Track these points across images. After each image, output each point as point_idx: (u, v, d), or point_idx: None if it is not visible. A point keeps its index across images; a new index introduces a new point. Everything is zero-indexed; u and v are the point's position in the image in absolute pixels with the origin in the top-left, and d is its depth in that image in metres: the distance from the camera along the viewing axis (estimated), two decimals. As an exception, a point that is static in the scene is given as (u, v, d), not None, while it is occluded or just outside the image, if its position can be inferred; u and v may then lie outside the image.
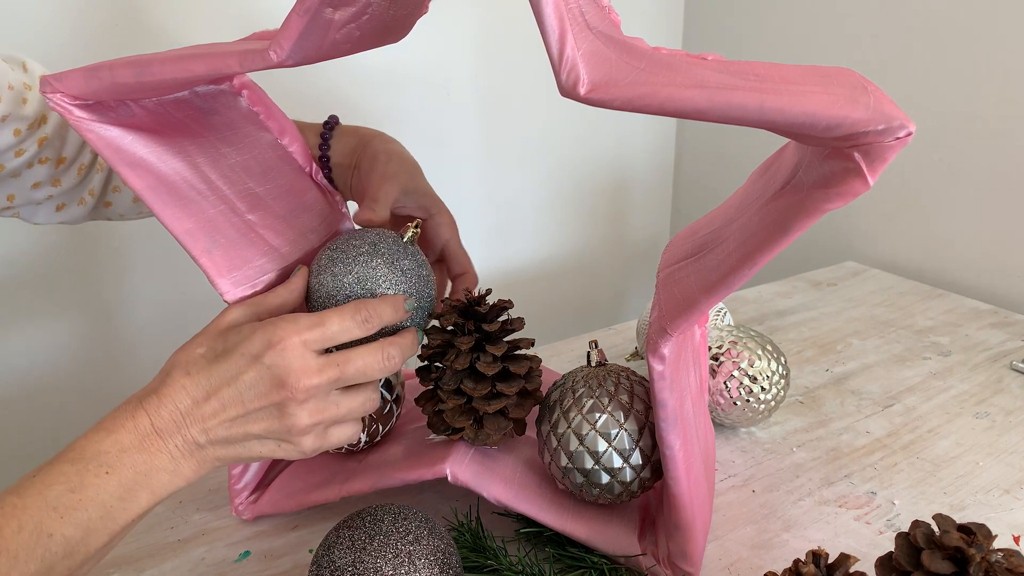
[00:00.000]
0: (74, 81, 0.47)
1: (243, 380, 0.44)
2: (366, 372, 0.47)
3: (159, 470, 0.43)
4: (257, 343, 0.45)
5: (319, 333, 0.46)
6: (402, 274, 0.53)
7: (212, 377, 0.44)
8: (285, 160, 0.64)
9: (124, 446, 0.42)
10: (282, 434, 0.45)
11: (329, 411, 0.46)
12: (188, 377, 0.44)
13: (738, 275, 0.43)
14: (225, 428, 0.44)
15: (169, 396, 0.44)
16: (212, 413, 0.44)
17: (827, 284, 1.12)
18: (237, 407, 0.44)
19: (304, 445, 0.46)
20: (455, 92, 1.24)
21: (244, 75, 0.61)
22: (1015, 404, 0.78)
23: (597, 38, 0.40)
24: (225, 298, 0.55)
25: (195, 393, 0.44)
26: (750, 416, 0.71)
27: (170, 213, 0.53)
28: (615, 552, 0.55)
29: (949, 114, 1.06)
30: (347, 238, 0.54)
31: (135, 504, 0.42)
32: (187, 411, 0.44)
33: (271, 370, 0.44)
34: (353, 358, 0.47)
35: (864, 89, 0.36)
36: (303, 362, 0.45)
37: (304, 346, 0.45)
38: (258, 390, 0.44)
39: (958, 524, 0.40)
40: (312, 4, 0.41)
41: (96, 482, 0.41)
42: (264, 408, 0.45)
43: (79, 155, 0.66)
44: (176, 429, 0.43)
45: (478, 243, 1.36)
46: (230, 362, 0.44)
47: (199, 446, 0.44)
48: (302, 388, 0.44)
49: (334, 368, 0.46)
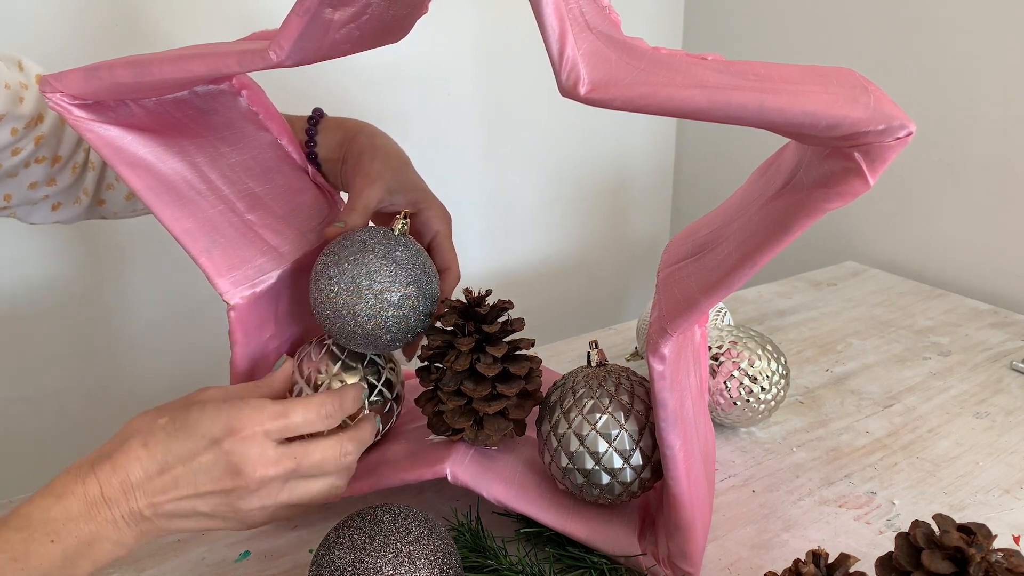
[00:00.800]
0: (74, 81, 0.47)
1: (198, 462, 0.44)
2: (322, 466, 0.47)
3: (103, 539, 0.43)
4: (219, 427, 0.44)
5: (282, 424, 0.46)
6: (396, 265, 0.53)
7: (168, 453, 0.44)
8: (284, 160, 0.64)
9: (71, 514, 0.42)
10: (229, 515, 0.46)
11: (281, 497, 0.46)
12: (144, 448, 0.44)
13: (738, 275, 0.43)
14: (173, 504, 0.44)
15: (122, 465, 0.43)
16: (162, 489, 0.44)
17: (827, 284, 1.12)
18: (188, 487, 0.44)
19: (250, 521, 0.47)
20: (455, 92, 1.24)
21: (243, 75, 0.61)
22: (1015, 404, 0.78)
23: (597, 38, 0.39)
24: (224, 298, 0.55)
25: (149, 466, 0.44)
26: (750, 416, 0.71)
27: (169, 213, 0.53)
28: (615, 552, 0.55)
29: (949, 114, 1.06)
30: (338, 241, 0.55)
31: (75, 572, 0.42)
32: (138, 483, 0.43)
33: (228, 456, 0.44)
34: (311, 452, 0.47)
35: (864, 89, 0.36)
36: (261, 452, 0.45)
37: (265, 436, 0.45)
38: (212, 474, 0.44)
39: (958, 524, 0.40)
40: (312, 4, 0.41)
41: (40, 551, 0.41)
42: (215, 492, 0.44)
43: (74, 154, 0.65)
44: (124, 499, 0.43)
45: (478, 243, 1.36)
46: (189, 441, 0.44)
47: (145, 518, 0.44)
48: (256, 479, 0.44)
49: (291, 460, 0.46)
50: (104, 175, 0.70)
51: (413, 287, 0.54)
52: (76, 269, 1.00)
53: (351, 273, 0.52)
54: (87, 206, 0.70)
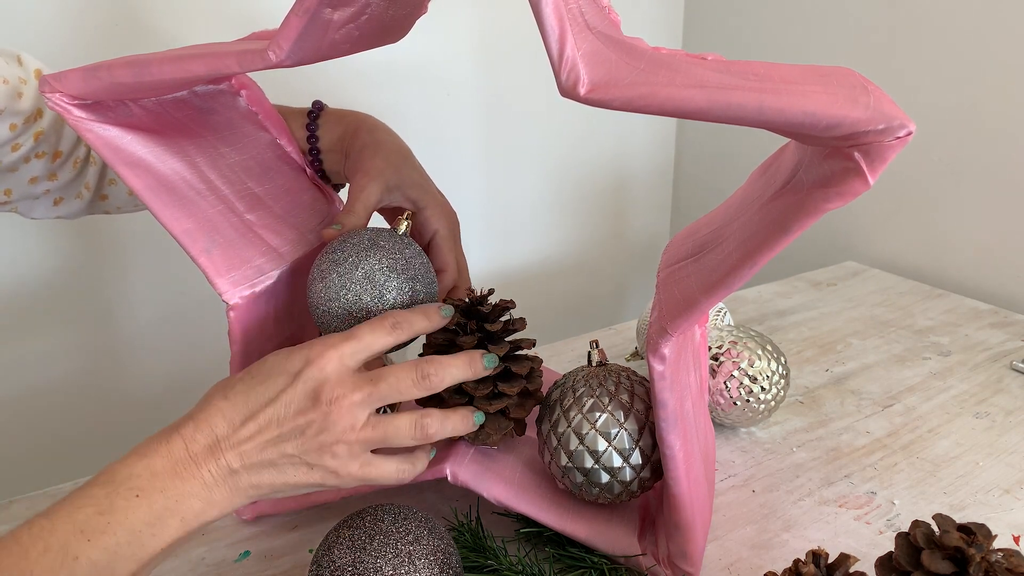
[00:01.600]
0: (73, 81, 0.47)
1: (282, 398, 0.44)
2: (399, 389, 0.46)
3: (191, 497, 0.42)
4: (298, 361, 0.45)
5: (353, 344, 0.46)
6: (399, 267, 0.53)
7: (251, 399, 0.44)
8: (284, 160, 0.64)
9: (156, 470, 0.42)
10: (314, 454, 0.44)
11: (365, 430, 0.45)
12: (226, 400, 0.44)
13: (738, 275, 0.43)
14: (259, 451, 0.44)
15: (206, 421, 0.43)
16: (248, 436, 0.43)
17: (827, 284, 1.12)
18: (273, 427, 0.44)
19: (337, 467, 0.45)
20: (455, 92, 1.24)
21: (243, 75, 0.61)
22: (1015, 404, 0.78)
23: (597, 38, 0.39)
24: (224, 298, 0.55)
25: (232, 416, 0.44)
26: (750, 416, 0.71)
27: (169, 213, 0.53)
28: (615, 552, 0.55)
29: (949, 114, 1.06)
30: (340, 242, 0.54)
31: (165, 531, 0.41)
32: (223, 436, 0.43)
33: (307, 384, 0.44)
34: (386, 375, 0.46)
35: (864, 89, 0.36)
36: (337, 375, 0.45)
37: (340, 360, 0.45)
38: (295, 407, 0.44)
39: (958, 524, 0.40)
40: (311, 4, 0.41)
41: (125, 505, 0.40)
42: (299, 426, 0.44)
43: (75, 149, 0.65)
44: (211, 455, 0.43)
45: (478, 243, 1.35)
46: (269, 383, 0.45)
47: (233, 472, 0.43)
48: (336, 401, 0.44)
49: (367, 383, 0.45)
50: (106, 170, 0.70)
51: (421, 284, 0.53)
52: (76, 269, 1.00)
53: (352, 275, 0.52)
54: (89, 201, 0.70)
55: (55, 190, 0.66)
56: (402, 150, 0.64)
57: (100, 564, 0.39)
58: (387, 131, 0.65)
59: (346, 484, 0.47)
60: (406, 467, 0.49)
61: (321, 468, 0.45)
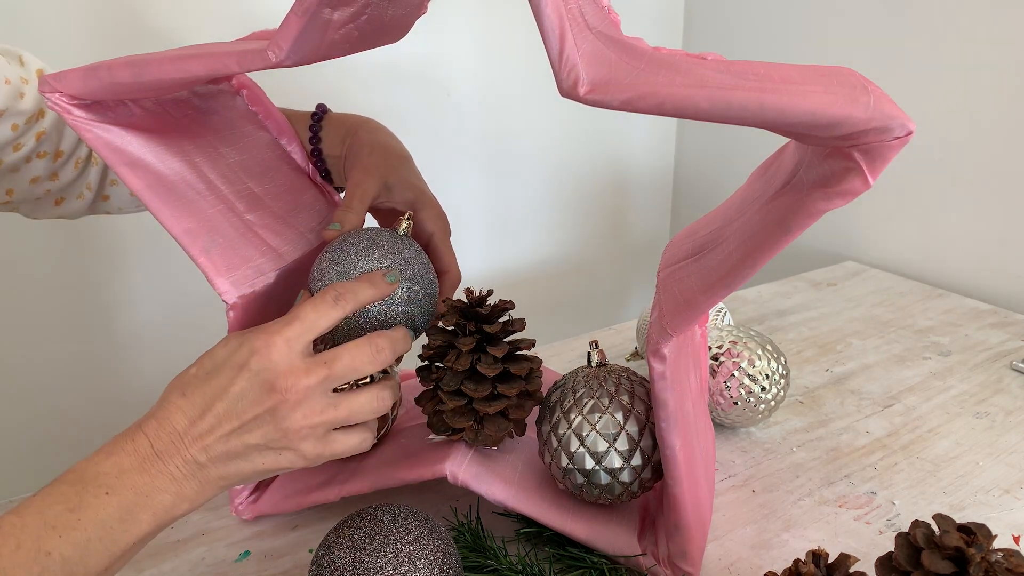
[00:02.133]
0: (73, 81, 0.47)
1: (233, 391, 0.44)
2: (356, 367, 0.46)
3: (160, 492, 0.42)
4: (243, 351, 0.44)
5: (297, 326, 0.45)
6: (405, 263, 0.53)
7: (206, 394, 0.44)
8: (284, 160, 0.64)
9: (124, 468, 0.42)
10: (280, 441, 0.45)
11: (327, 412, 0.46)
12: (184, 398, 0.44)
13: (738, 275, 0.43)
14: (223, 443, 0.44)
15: (166, 418, 0.44)
16: (209, 429, 0.44)
17: (827, 284, 1.12)
18: (232, 419, 0.44)
19: (305, 450, 0.46)
20: (455, 92, 1.24)
21: (243, 75, 0.61)
22: (1015, 404, 0.78)
23: (597, 38, 0.39)
24: (224, 298, 0.55)
25: (191, 412, 0.44)
26: (750, 416, 0.71)
27: (169, 213, 0.53)
28: (615, 552, 0.55)
29: (949, 114, 1.06)
30: (341, 241, 0.54)
31: (136, 526, 0.42)
32: (184, 431, 0.43)
33: (259, 375, 0.44)
34: (341, 354, 0.46)
35: (864, 88, 0.36)
36: (289, 363, 0.44)
37: (287, 345, 0.45)
38: (250, 398, 0.44)
39: (958, 524, 0.40)
40: (311, 4, 0.41)
41: (95, 503, 0.41)
42: (259, 416, 0.44)
43: (76, 149, 0.65)
44: (176, 450, 0.43)
45: (478, 243, 1.35)
46: (220, 376, 0.44)
47: (200, 465, 0.44)
48: (292, 389, 0.44)
49: (321, 367, 0.45)
50: (108, 171, 0.70)
51: (420, 286, 0.53)
52: (76, 269, 1.00)
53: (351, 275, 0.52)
54: (91, 201, 0.70)
55: (56, 190, 0.66)
56: (401, 152, 0.64)
57: (72, 560, 0.39)
58: (388, 133, 0.65)
59: (315, 463, 0.47)
60: (367, 435, 0.49)
61: (289, 452, 0.45)
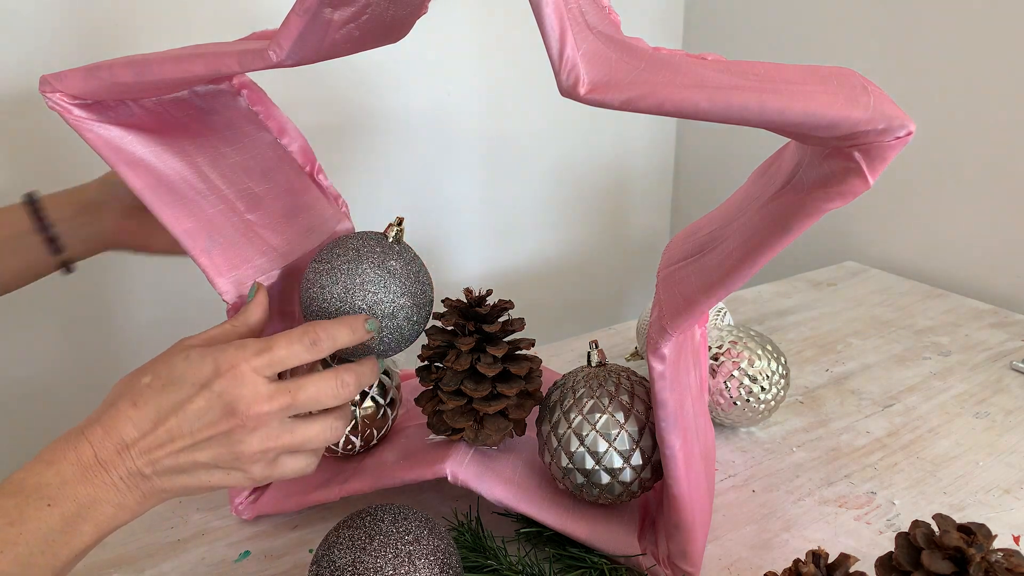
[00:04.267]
0: (73, 81, 0.47)
1: (191, 409, 0.43)
2: (319, 399, 0.45)
3: (103, 502, 0.41)
4: (206, 370, 0.43)
5: (267, 358, 0.44)
6: (390, 275, 0.52)
7: (160, 407, 0.43)
8: (284, 160, 0.64)
9: (66, 478, 0.41)
10: (231, 462, 0.44)
11: (282, 439, 0.44)
12: (135, 408, 0.42)
13: (738, 275, 0.43)
14: (172, 458, 0.43)
15: (114, 427, 0.42)
16: (158, 443, 0.42)
17: (827, 284, 1.12)
18: (185, 437, 0.43)
19: (254, 472, 0.45)
20: (455, 92, 1.24)
21: (243, 75, 0.61)
22: (1015, 404, 0.78)
23: (597, 38, 0.40)
24: (224, 298, 0.55)
25: (141, 424, 0.42)
26: (750, 416, 0.71)
27: (169, 212, 0.53)
28: (615, 552, 0.55)
29: (949, 114, 1.06)
30: (330, 249, 0.54)
31: (78, 538, 0.41)
32: (133, 442, 0.42)
33: (220, 397, 0.43)
34: (306, 385, 0.45)
35: (864, 89, 0.36)
36: (253, 389, 0.43)
37: (254, 372, 0.43)
38: (207, 419, 0.43)
39: (958, 524, 0.40)
40: (311, 4, 0.41)
41: (37, 515, 0.39)
42: (214, 437, 0.43)
43: None
44: (121, 460, 0.42)
45: (478, 243, 1.36)
46: (178, 390, 0.43)
47: (144, 477, 0.42)
48: (252, 415, 0.43)
49: (285, 395, 0.44)
50: None
51: (407, 297, 0.53)
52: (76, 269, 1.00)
53: (344, 283, 0.51)
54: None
55: None
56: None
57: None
58: None
59: (259, 484, 0.47)
60: (313, 460, 0.48)
61: (238, 472, 0.45)
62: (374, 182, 1.18)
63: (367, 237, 0.54)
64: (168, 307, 1.08)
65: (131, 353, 1.07)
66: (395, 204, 1.21)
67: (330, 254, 0.53)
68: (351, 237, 0.54)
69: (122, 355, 1.07)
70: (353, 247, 0.53)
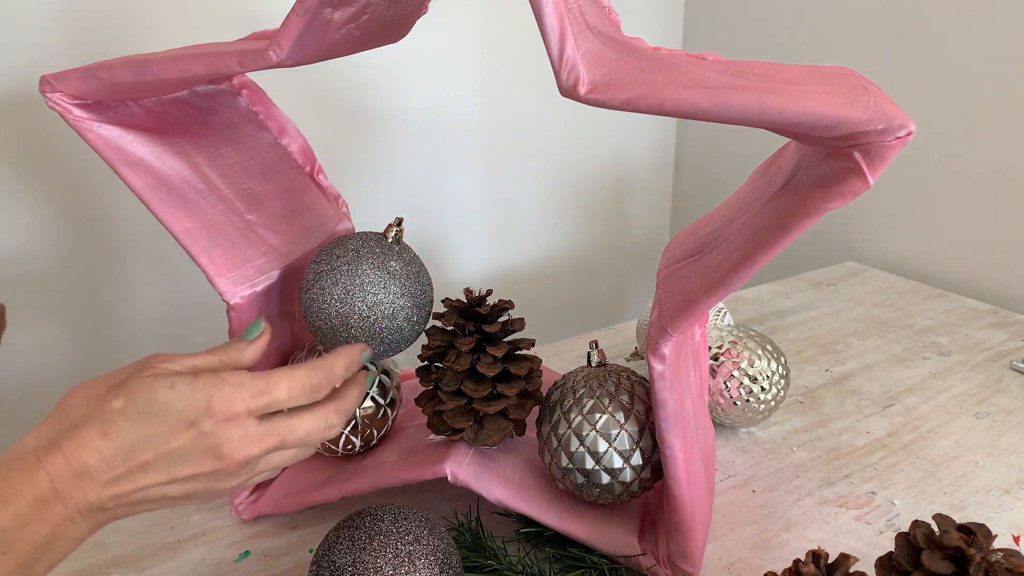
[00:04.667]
0: (73, 81, 0.47)
1: (173, 447, 0.39)
2: (308, 441, 0.43)
3: (59, 540, 0.38)
4: (197, 405, 0.39)
5: (265, 401, 0.41)
6: (390, 276, 0.52)
7: (135, 439, 0.38)
8: (284, 160, 0.64)
9: (23, 520, 0.37)
10: (201, 495, 0.42)
11: (257, 469, 0.42)
12: (105, 439, 0.38)
13: (738, 275, 0.43)
14: (142, 493, 0.39)
15: (77, 457, 0.38)
16: (128, 478, 0.38)
17: (827, 284, 1.12)
18: (161, 474, 0.39)
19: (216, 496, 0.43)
20: (455, 92, 1.24)
21: (243, 75, 0.61)
22: (1015, 404, 0.78)
23: (597, 38, 0.40)
24: (224, 298, 0.55)
25: (112, 457, 0.38)
26: (750, 416, 0.71)
27: (169, 213, 0.53)
28: (615, 552, 0.55)
29: (949, 114, 1.06)
30: (329, 249, 0.54)
31: None
32: (96, 473, 0.38)
33: (208, 439, 0.39)
34: (296, 428, 0.42)
35: (864, 89, 0.36)
36: (243, 431, 0.40)
37: (248, 415, 0.40)
38: (189, 460, 0.39)
39: (958, 524, 0.40)
40: (312, 4, 0.41)
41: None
42: (193, 476, 0.40)
43: None
44: (79, 491, 0.38)
45: (478, 243, 1.35)
46: (159, 423, 0.39)
47: (105, 510, 0.39)
48: (240, 460, 0.40)
49: (274, 438, 0.41)
50: None
51: (407, 298, 0.53)
52: (76, 268, 1.00)
53: (344, 284, 0.51)
54: None
55: None
56: None
57: None
58: None
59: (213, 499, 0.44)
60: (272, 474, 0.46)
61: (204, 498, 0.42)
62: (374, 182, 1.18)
63: (367, 238, 0.54)
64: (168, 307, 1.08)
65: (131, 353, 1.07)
66: (395, 204, 1.21)
67: (330, 255, 0.53)
68: (351, 238, 0.54)
69: (122, 355, 1.07)
70: (353, 248, 0.53)
